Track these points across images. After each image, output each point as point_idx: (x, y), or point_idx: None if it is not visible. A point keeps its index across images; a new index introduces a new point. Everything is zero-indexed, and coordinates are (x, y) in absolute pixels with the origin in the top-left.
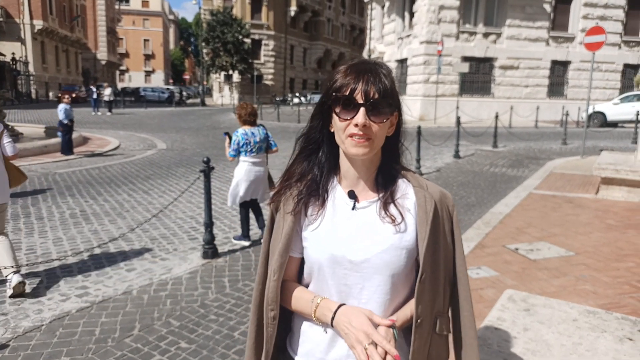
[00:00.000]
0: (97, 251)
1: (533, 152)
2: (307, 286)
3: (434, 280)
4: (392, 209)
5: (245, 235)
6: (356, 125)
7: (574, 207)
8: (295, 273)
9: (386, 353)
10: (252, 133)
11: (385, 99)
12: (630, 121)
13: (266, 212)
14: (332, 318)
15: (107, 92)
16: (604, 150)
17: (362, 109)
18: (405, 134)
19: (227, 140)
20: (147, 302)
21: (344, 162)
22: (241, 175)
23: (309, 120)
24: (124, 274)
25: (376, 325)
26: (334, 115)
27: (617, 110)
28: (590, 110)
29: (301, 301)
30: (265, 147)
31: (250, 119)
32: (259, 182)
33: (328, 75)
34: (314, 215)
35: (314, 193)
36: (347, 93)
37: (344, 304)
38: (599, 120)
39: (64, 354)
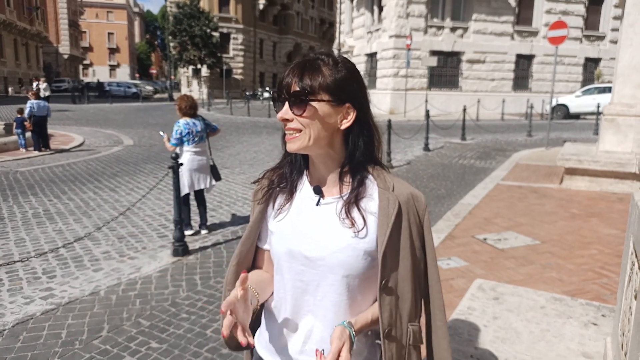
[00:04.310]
0: (62, 251)
1: (500, 144)
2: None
3: (400, 287)
4: (354, 211)
5: (187, 223)
6: (280, 119)
7: (539, 197)
8: (261, 264)
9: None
10: (194, 123)
11: (303, 90)
12: (592, 113)
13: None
14: None
15: (42, 86)
16: (567, 141)
17: (287, 103)
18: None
19: (166, 137)
20: (116, 302)
21: (310, 159)
22: (185, 165)
23: None
24: (91, 274)
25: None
26: None
27: (579, 102)
28: (554, 103)
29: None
30: (206, 136)
31: (190, 111)
32: (201, 170)
33: None
34: (280, 209)
35: (284, 186)
36: (277, 88)
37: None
38: (562, 112)
39: (28, 359)
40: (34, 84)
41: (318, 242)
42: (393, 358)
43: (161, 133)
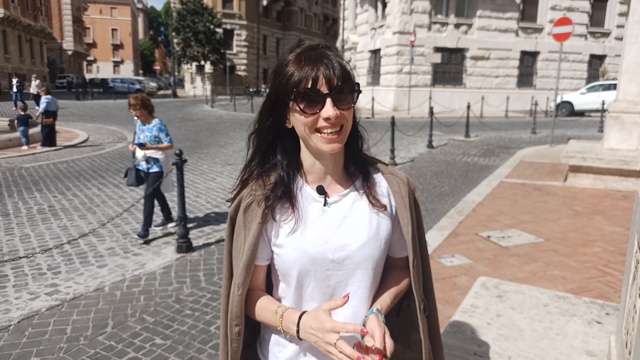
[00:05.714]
0: (67, 247)
1: (504, 141)
2: (278, 296)
3: (418, 264)
4: (374, 200)
5: (168, 218)
6: (327, 118)
7: (543, 195)
8: (262, 282)
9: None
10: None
11: (348, 83)
12: (596, 110)
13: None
14: (297, 331)
15: (34, 84)
16: (572, 139)
17: (328, 100)
18: (376, 125)
19: (133, 146)
20: (120, 298)
21: (307, 158)
22: (167, 164)
23: (256, 118)
24: (96, 271)
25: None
26: (296, 112)
27: (584, 99)
28: (559, 100)
29: (266, 313)
30: None
31: (153, 110)
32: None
33: (276, 66)
34: (285, 220)
35: (282, 196)
36: (309, 86)
37: (305, 312)
38: (567, 109)
39: (33, 354)
40: (14, 80)
41: (341, 243)
42: (425, 331)
43: (131, 145)
